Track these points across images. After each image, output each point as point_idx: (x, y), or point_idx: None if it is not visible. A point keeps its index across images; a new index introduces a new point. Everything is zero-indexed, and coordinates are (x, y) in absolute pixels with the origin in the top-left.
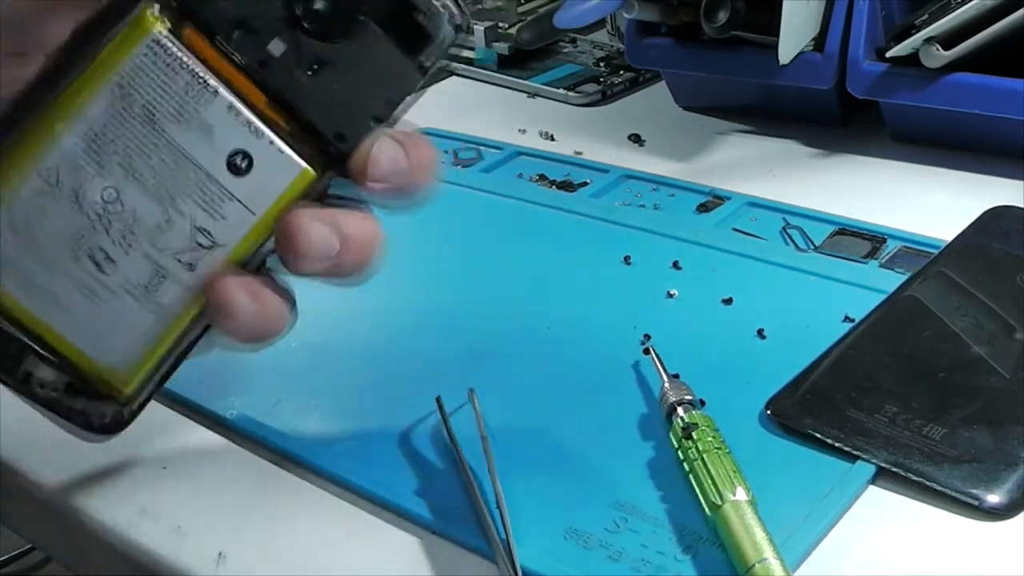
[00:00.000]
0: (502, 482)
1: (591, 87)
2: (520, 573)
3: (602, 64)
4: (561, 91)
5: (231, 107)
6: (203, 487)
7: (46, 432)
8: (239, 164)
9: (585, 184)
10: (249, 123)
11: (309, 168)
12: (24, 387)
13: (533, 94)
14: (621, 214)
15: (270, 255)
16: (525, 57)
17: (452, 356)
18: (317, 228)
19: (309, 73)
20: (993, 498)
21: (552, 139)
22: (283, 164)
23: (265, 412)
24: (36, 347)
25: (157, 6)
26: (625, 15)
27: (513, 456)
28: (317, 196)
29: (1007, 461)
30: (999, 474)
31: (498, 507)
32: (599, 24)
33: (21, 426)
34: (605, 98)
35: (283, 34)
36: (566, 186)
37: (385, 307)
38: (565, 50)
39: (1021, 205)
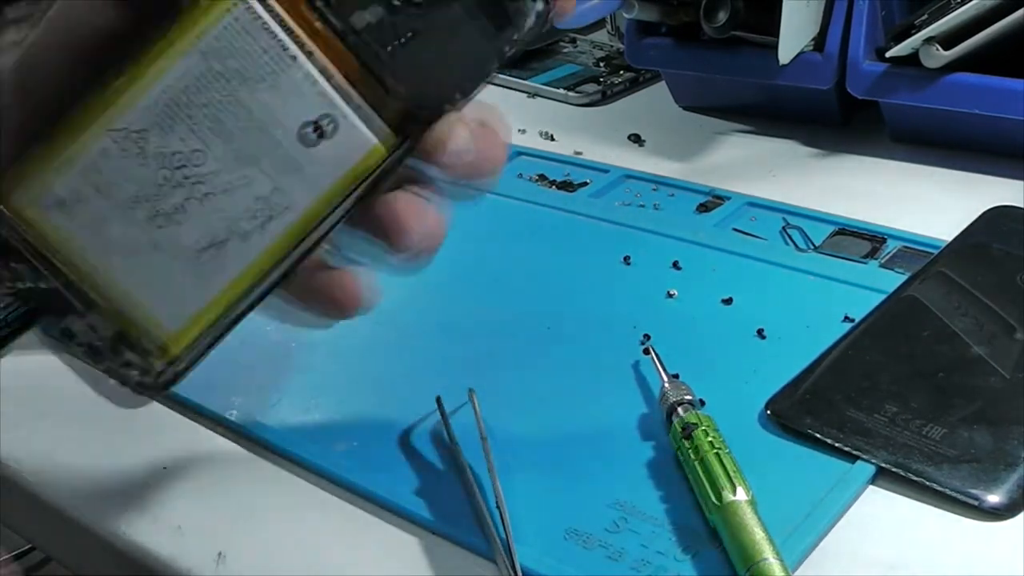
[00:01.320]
0: (502, 482)
1: (591, 87)
2: (520, 573)
3: (602, 64)
4: (561, 91)
5: (308, 76)
6: (203, 487)
7: (47, 433)
8: (312, 134)
9: (585, 184)
10: (325, 94)
11: (380, 145)
12: (66, 335)
13: (533, 94)
14: (621, 214)
15: (335, 227)
16: (525, 57)
17: (452, 356)
18: (419, 205)
19: (399, 42)
20: (993, 498)
21: (552, 139)
22: (356, 138)
23: (265, 412)
24: (88, 292)
25: None
26: (625, 15)
27: (513, 456)
28: (386, 174)
29: (1007, 461)
30: (999, 474)
31: (498, 507)
32: (599, 24)
33: (22, 427)
34: (605, 98)
35: (380, 1)
36: (566, 186)
37: (385, 307)
38: (565, 50)
39: (1021, 205)
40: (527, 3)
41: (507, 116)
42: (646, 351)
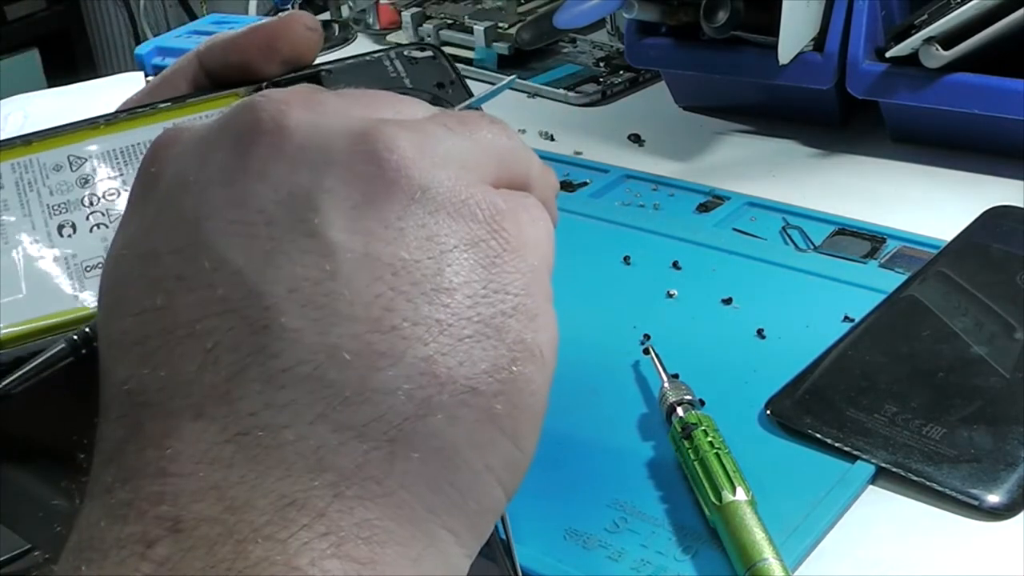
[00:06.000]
0: None
1: (591, 87)
2: (520, 573)
3: (602, 64)
4: (561, 91)
5: None
6: None
7: None
8: None
9: (585, 184)
10: None
11: None
12: None
13: (533, 94)
14: (621, 214)
15: None
16: (525, 57)
17: None
18: None
19: None
20: (993, 498)
21: (552, 139)
22: None
23: None
24: None
25: (250, 93)
26: (625, 15)
27: None
28: None
29: (1007, 461)
30: (999, 474)
31: None
32: (599, 24)
33: None
34: (605, 98)
35: None
36: (566, 186)
37: None
38: (565, 50)
39: (1021, 205)
40: None
41: (507, 116)
42: (646, 351)
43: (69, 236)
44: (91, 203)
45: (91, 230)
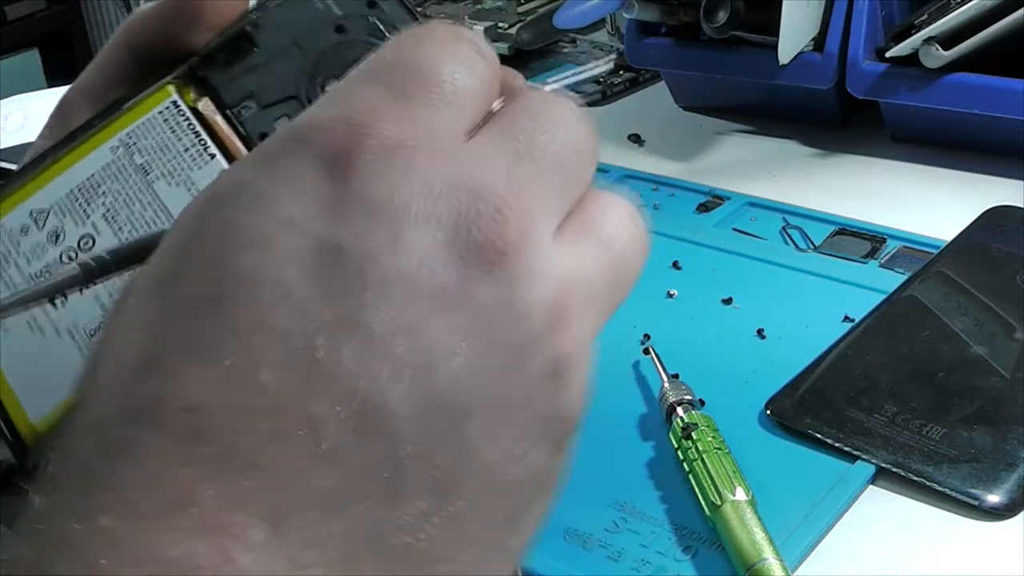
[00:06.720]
0: None
1: (591, 87)
2: (520, 573)
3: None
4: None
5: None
6: None
7: None
8: None
9: None
10: None
11: None
12: None
13: None
14: None
15: None
16: (525, 57)
17: None
18: None
19: None
20: (993, 498)
21: None
22: None
23: None
24: None
25: (180, 79)
26: (625, 15)
27: None
28: None
29: (1007, 461)
30: (999, 474)
31: None
32: (599, 24)
33: None
34: (605, 98)
35: (291, 113)
36: None
37: None
38: (565, 50)
39: (1021, 205)
40: None
41: None
42: (646, 351)
43: (63, 305)
44: (70, 259)
45: (81, 290)
